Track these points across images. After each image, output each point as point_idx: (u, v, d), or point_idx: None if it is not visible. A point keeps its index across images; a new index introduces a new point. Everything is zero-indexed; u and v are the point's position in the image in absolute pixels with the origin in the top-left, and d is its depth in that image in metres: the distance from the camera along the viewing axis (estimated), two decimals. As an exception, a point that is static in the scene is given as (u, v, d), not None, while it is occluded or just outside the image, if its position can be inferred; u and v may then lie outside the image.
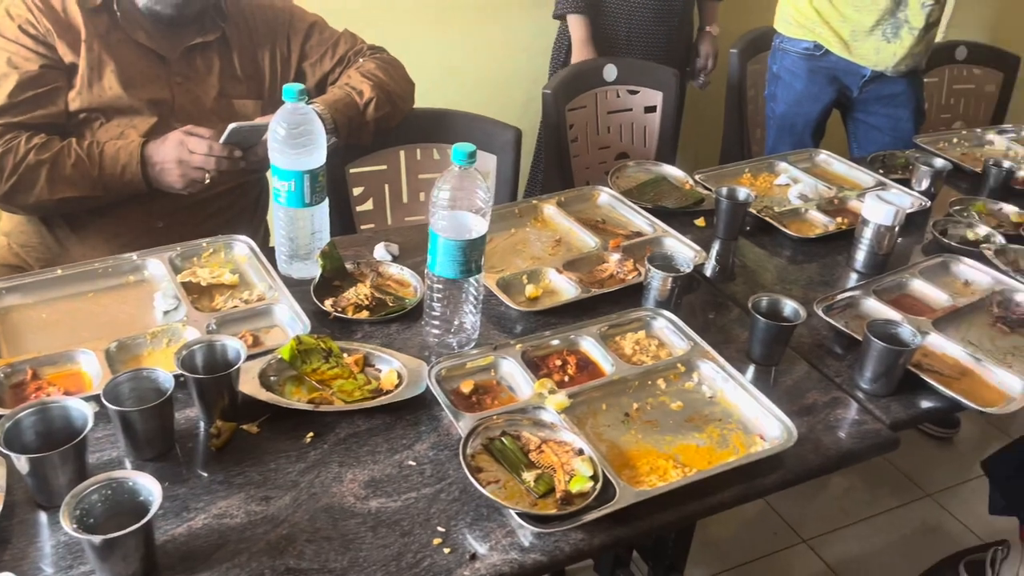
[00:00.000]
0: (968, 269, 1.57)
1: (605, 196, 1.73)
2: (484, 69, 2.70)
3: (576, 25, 2.42)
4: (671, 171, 1.87)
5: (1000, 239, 1.65)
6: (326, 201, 1.36)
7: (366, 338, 1.26)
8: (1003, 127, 2.32)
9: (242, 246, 1.43)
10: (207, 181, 1.47)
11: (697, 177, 1.83)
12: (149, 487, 0.87)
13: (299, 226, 1.34)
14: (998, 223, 1.77)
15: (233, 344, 1.09)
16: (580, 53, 2.43)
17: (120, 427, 0.98)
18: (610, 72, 2.25)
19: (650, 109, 2.35)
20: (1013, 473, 1.66)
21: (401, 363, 1.17)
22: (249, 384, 1.09)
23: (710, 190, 1.76)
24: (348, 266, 1.39)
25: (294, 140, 1.26)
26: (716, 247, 1.63)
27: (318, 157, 1.30)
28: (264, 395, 1.09)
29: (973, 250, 1.62)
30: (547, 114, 2.15)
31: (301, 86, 1.26)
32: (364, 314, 1.29)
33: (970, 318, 1.44)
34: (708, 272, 1.55)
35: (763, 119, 2.51)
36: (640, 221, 1.65)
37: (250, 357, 1.13)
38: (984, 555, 1.42)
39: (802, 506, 2.25)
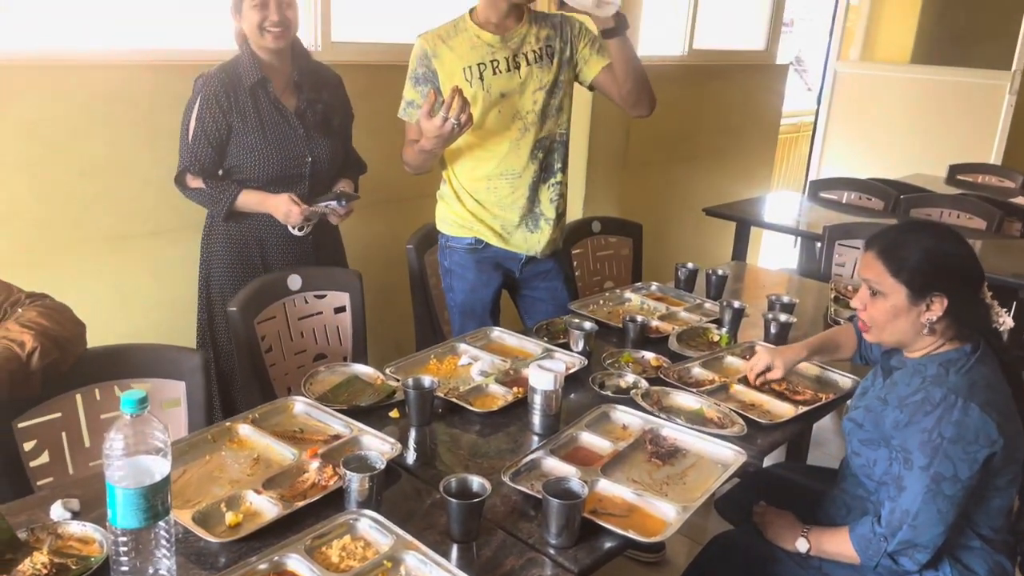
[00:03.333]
0: (623, 415, 1.83)
1: (300, 405, 1.79)
2: (165, 292, 2.67)
3: (248, 197, 2.36)
4: (362, 369, 1.98)
5: (644, 384, 1.96)
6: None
7: (47, 612, 1.16)
8: (636, 285, 2.78)
9: None
10: None
11: (387, 370, 1.96)
12: None
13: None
14: (642, 369, 2.10)
15: None
16: (268, 205, 2.36)
17: None
18: (295, 282, 2.35)
19: (340, 309, 2.48)
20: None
21: (88, 632, 1.09)
22: None
23: (399, 381, 1.89)
24: (21, 534, 1.28)
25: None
26: (412, 435, 1.74)
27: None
28: None
29: (625, 397, 1.89)
30: (236, 331, 2.18)
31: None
32: (42, 585, 1.19)
33: (631, 458, 1.67)
34: (410, 460, 1.65)
35: (449, 305, 2.74)
36: (337, 424, 1.71)
37: None
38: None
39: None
